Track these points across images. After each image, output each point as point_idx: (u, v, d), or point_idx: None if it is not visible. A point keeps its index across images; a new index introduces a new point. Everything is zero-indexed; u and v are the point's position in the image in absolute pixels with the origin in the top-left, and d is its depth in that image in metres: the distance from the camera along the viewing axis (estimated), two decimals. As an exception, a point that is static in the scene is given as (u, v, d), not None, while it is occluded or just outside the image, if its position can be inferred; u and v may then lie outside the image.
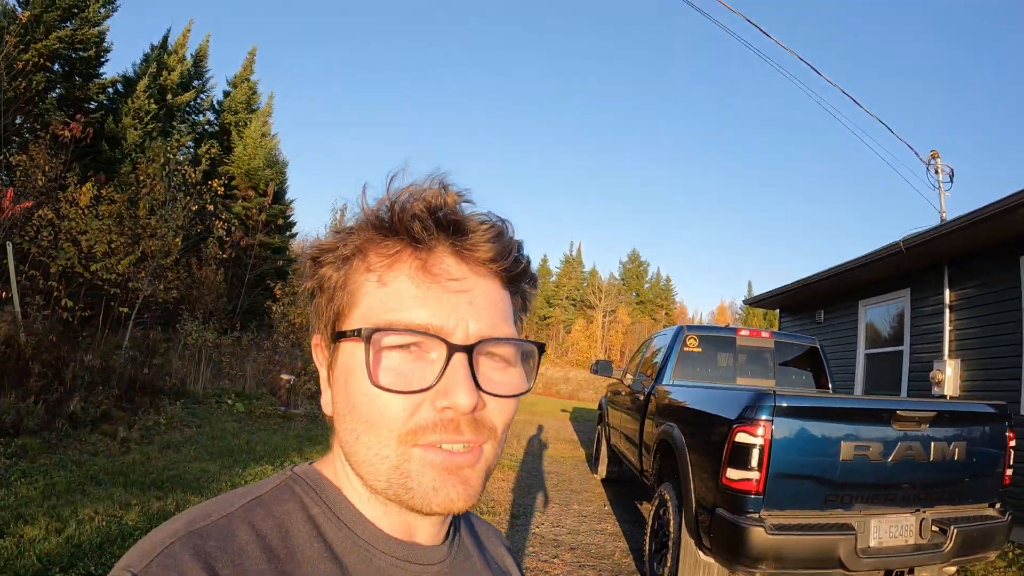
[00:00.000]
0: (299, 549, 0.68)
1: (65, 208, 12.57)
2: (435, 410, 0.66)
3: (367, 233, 0.72)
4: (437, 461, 0.67)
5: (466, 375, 0.66)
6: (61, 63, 19.07)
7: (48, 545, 4.48)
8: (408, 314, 0.67)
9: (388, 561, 0.72)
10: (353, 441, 0.70)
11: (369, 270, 0.71)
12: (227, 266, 20.81)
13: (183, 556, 0.60)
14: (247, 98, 27.85)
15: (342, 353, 0.72)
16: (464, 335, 0.68)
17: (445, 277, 0.69)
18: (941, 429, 4.52)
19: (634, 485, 9.74)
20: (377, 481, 0.69)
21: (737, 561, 4.29)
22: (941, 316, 9.35)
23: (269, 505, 0.71)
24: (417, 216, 0.69)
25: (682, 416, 5.67)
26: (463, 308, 0.69)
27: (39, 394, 8.29)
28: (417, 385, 0.66)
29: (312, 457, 0.80)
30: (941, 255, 9.26)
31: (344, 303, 0.72)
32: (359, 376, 0.67)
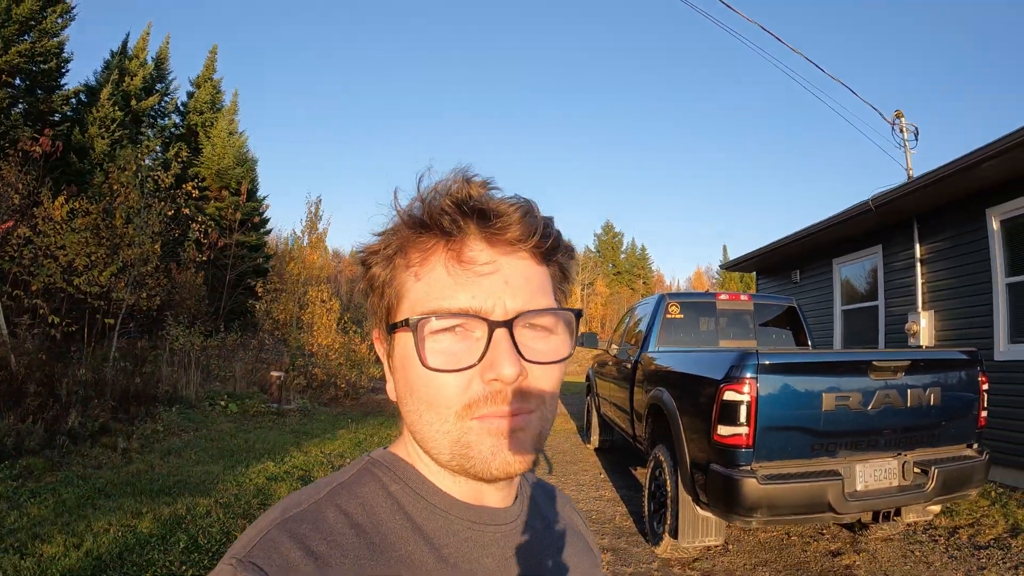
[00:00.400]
0: (383, 522, 0.75)
1: (41, 224, 12.48)
2: (484, 383, 0.72)
3: (404, 232, 0.78)
4: (493, 428, 0.72)
5: (508, 348, 0.72)
6: (22, 77, 18.76)
7: (69, 561, 4.58)
8: (450, 300, 0.73)
9: (464, 524, 0.78)
10: (416, 420, 0.76)
11: (409, 267, 0.77)
12: (206, 268, 20.72)
13: (281, 539, 0.68)
14: (211, 97, 27.49)
15: (397, 343, 0.78)
16: (503, 312, 0.73)
17: (476, 263, 0.74)
18: (916, 377, 4.76)
19: (626, 452, 9.94)
20: (441, 455, 0.75)
21: (733, 512, 4.51)
22: (913, 270, 9.55)
23: (352, 487, 0.78)
24: (445, 211, 0.75)
25: (670, 380, 5.86)
26: (498, 288, 0.74)
27: (36, 413, 8.34)
28: (466, 362, 0.72)
29: (305, 450, 0.87)
30: (909, 211, 9.42)
31: (393, 298, 0.79)
32: (414, 361, 0.74)
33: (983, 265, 8.20)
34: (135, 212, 14.22)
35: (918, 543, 5.70)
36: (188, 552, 4.99)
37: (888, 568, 5.15)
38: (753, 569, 5.29)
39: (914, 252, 9.51)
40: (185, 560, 4.82)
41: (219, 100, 28.04)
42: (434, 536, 0.76)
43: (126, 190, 14.22)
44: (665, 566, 5.36)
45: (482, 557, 0.78)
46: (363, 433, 11.64)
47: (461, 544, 0.77)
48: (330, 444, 10.28)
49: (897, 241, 10.02)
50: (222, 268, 23.11)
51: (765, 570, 5.26)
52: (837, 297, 11.85)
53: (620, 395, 7.96)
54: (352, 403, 17.02)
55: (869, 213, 9.58)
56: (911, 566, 5.17)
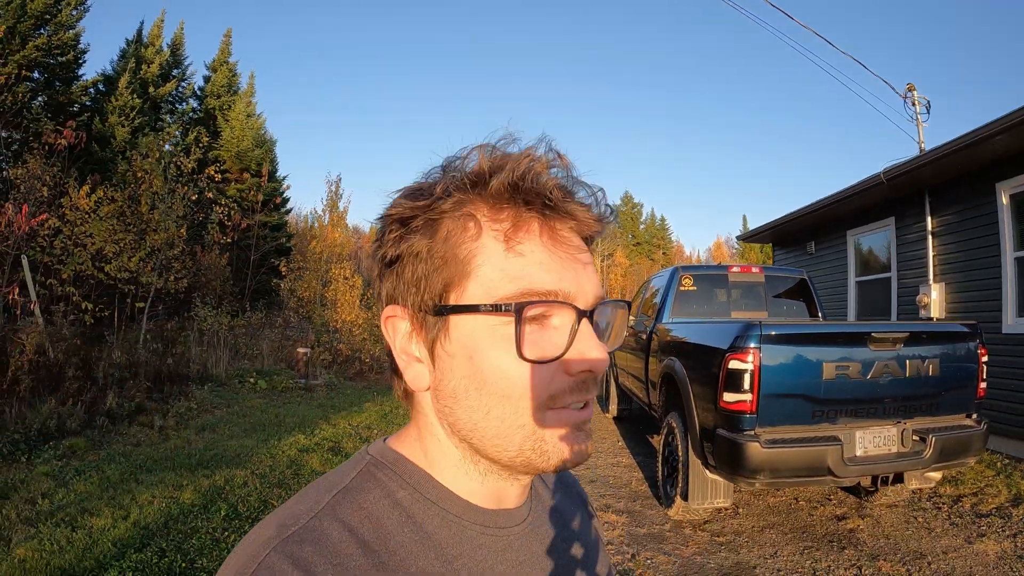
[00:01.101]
0: (391, 535, 0.68)
1: (69, 214, 12.81)
2: (568, 375, 0.67)
3: (482, 196, 0.69)
4: (569, 420, 0.68)
5: (596, 337, 0.68)
6: (41, 71, 18.94)
7: (118, 531, 4.87)
8: (538, 282, 0.65)
9: (478, 530, 0.73)
10: (482, 417, 0.68)
11: (494, 238, 0.67)
12: (231, 249, 21.04)
13: (282, 566, 0.61)
14: (228, 81, 27.57)
15: (457, 327, 0.68)
16: (585, 299, 0.68)
17: (570, 244, 0.69)
18: (916, 348, 4.95)
19: (643, 421, 10.15)
20: (507, 451, 0.69)
21: (738, 474, 4.76)
22: (924, 242, 9.56)
23: (354, 495, 0.71)
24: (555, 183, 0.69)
25: (682, 350, 6.08)
26: (581, 272, 0.69)
27: (75, 396, 8.65)
28: (552, 352, 0.65)
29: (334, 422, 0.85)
30: (921, 184, 9.43)
31: (455, 273, 0.68)
32: (491, 350, 0.66)
33: (992, 239, 8.23)
34: (159, 198, 14.50)
35: (921, 510, 5.89)
36: (229, 519, 5.29)
37: (891, 533, 5.35)
38: (761, 531, 5.53)
39: (926, 225, 9.52)
40: (227, 527, 5.12)
41: (235, 83, 28.10)
42: (447, 546, 0.70)
43: (150, 176, 14.47)
44: (677, 527, 5.63)
45: (496, 564, 0.73)
46: (388, 406, 11.90)
47: (475, 552, 0.72)
48: (357, 416, 10.57)
49: (909, 213, 10.02)
50: (246, 249, 23.36)
51: (772, 532, 5.49)
52: (851, 268, 11.85)
53: (636, 365, 8.16)
54: (377, 377, 17.27)
55: (881, 186, 9.59)
56: (913, 531, 5.37)
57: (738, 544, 5.25)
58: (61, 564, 4.24)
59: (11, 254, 10.34)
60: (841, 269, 12.17)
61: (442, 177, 0.71)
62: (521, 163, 0.68)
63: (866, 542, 5.18)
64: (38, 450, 7.02)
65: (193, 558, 4.49)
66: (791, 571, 4.67)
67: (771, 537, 5.38)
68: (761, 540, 5.32)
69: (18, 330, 9.53)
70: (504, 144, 0.71)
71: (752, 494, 6.45)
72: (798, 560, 4.86)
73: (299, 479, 6.59)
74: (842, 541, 5.21)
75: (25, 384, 8.36)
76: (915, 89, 12.39)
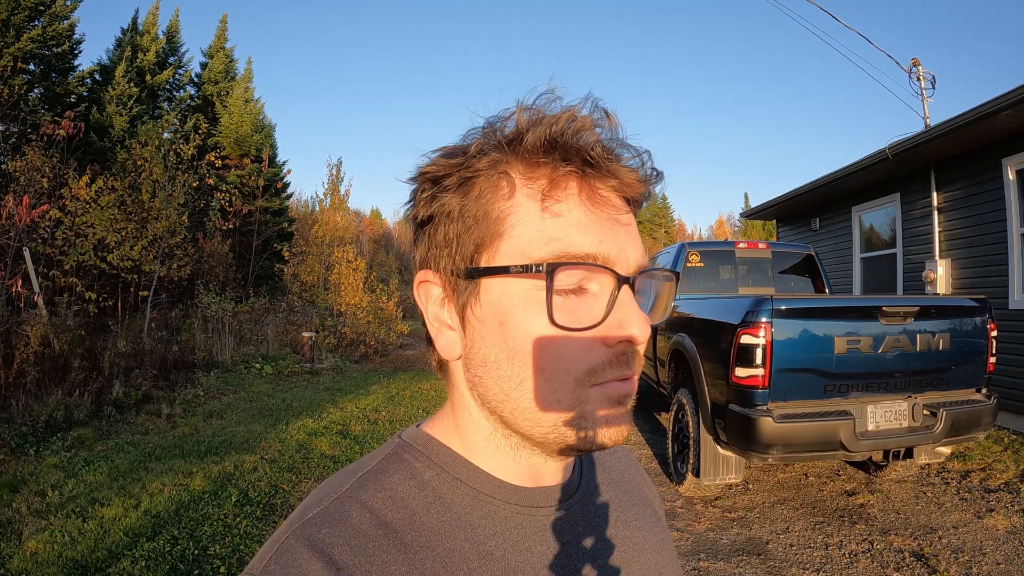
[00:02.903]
0: (417, 516, 0.66)
1: (70, 204, 12.79)
2: (609, 345, 0.62)
3: (516, 156, 0.64)
4: (612, 395, 0.62)
5: (637, 305, 0.63)
6: (36, 63, 18.87)
7: (129, 520, 4.86)
8: (575, 245, 0.61)
9: (512, 510, 0.69)
10: (514, 388, 0.63)
11: (529, 197, 0.63)
12: (232, 235, 21.03)
13: (298, 549, 0.60)
14: (225, 67, 27.46)
15: (489, 291, 0.64)
16: (627, 265, 0.63)
17: (610, 205, 0.64)
18: (926, 322, 4.93)
19: (650, 399, 10.13)
20: (538, 427, 0.64)
21: (750, 449, 4.75)
22: (930, 218, 9.52)
23: (378, 477, 0.69)
24: (598, 141, 0.64)
25: (691, 327, 6.04)
26: (623, 235, 0.64)
27: (82, 386, 8.66)
28: (588, 321, 0.60)
29: (341, 405, 0.82)
30: (927, 159, 9.37)
31: (486, 233, 0.64)
32: (523, 316, 0.62)
33: (999, 215, 8.19)
34: (160, 186, 14.50)
35: (930, 485, 5.89)
36: (240, 505, 5.30)
37: (900, 507, 5.36)
38: (771, 507, 5.52)
39: (931, 200, 9.47)
40: (238, 513, 5.12)
41: (233, 69, 28.02)
42: (477, 527, 0.66)
43: (150, 164, 14.43)
44: (688, 504, 5.62)
45: (534, 544, 0.68)
46: (395, 388, 11.92)
47: (508, 533, 0.67)
48: (364, 399, 10.57)
49: (915, 189, 9.97)
50: (248, 235, 23.35)
51: (783, 507, 5.49)
52: (856, 245, 11.81)
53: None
54: (382, 360, 17.34)
55: (886, 161, 9.53)
56: (922, 506, 5.37)
57: (750, 520, 5.25)
58: (73, 555, 4.23)
59: (13, 246, 10.33)
60: (846, 245, 12.13)
61: (480, 138, 0.66)
62: (561, 119, 0.63)
63: (876, 517, 5.18)
64: (46, 442, 7.01)
65: (206, 545, 4.49)
66: (803, 546, 4.67)
67: (782, 512, 5.37)
68: (772, 515, 5.32)
69: (22, 322, 9.54)
70: (546, 102, 0.65)
71: (762, 470, 6.44)
72: (810, 535, 4.85)
73: (308, 463, 6.60)
74: (853, 516, 5.21)
75: (31, 376, 8.36)
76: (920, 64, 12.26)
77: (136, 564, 4.13)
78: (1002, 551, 4.42)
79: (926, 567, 4.23)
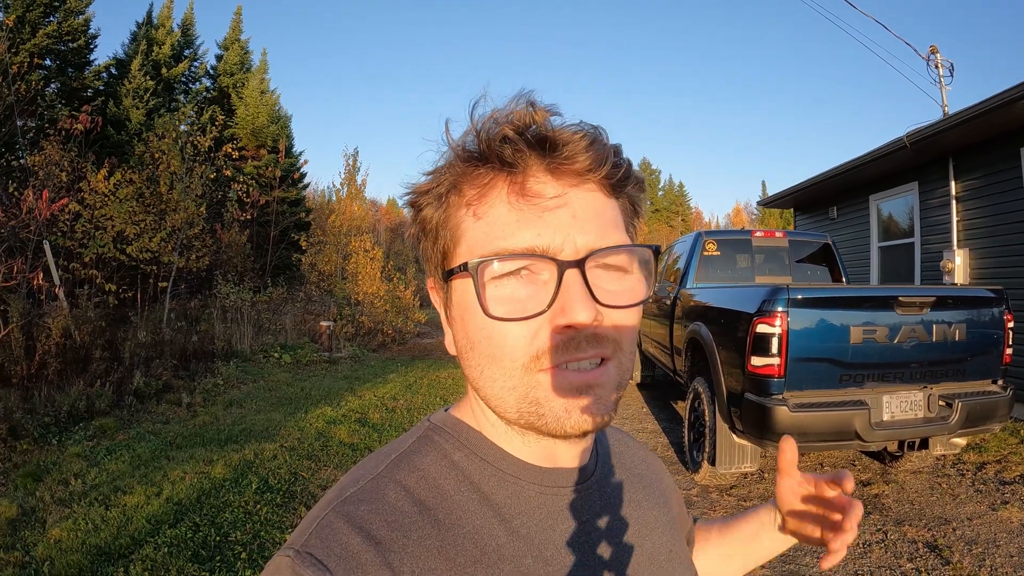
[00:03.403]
0: (448, 495, 0.69)
1: (88, 198, 12.90)
2: (554, 331, 0.64)
3: (459, 167, 0.69)
4: (565, 384, 0.65)
5: (581, 290, 0.63)
6: (52, 58, 18.91)
7: (151, 508, 4.94)
8: (512, 240, 0.64)
9: (536, 490, 0.72)
10: (478, 376, 0.69)
11: (466, 205, 0.69)
12: (250, 226, 21.13)
13: (338, 524, 0.64)
14: (240, 59, 27.41)
15: (455, 291, 0.71)
16: (573, 250, 0.65)
17: (543, 196, 0.66)
18: (942, 313, 4.91)
19: (667, 387, 10.16)
20: (508, 412, 0.68)
21: (765, 438, 4.75)
22: (948, 207, 9.41)
23: (412, 458, 0.73)
24: (507, 139, 0.66)
25: (708, 315, 6.04)
26: (567, 224, 0.65)
27: (103, 377, 8.77)
28: (533, 309, 0.63)
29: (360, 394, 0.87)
30: (945, 148, 9.26)
31: (449, 241, 0.71)
32: (474, 311, 0.66)
33: (1018, 204, 8.10)
34: (177, 177, 14.58)
35: (945, 476, 5.86)
36: (260, 492, 5.36)
37: (915, 498, 5.34)
38: (788, 494, 5.52)
39: (949, 189, 9.37)
40: (259, 500, 5.19)
41: (248, 61, 27.97)
42: (504, 506, 0.70)
43: (167, 157, 14.50)
44: (704, 492, 5.64)
45: (556, 524, 0.72)
46: (412, 376, 11.99)
47: (533, 512, 0.71)
48: (382, 388, 10.66)
49: (933, 178, 9.86)
50: (265, 225, 23.42)
51: (800, 495, 5.48)
52: (874, 234, 11.70)
53: (660, 331, 8.12)
54: (400, 348, 17.42)
55: (904, 150, 9.42)
56: (937, 497, 5.35)
57: (766, 508, 5.24)
58: (96, 543, 4.31)
59: (33, 240, 10.44)
60: (864, 234, 12.02)
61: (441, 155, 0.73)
62: (484, 125, 0.68)
63: (891, 507, 5.17)
64: (69, 432, 7.11)
65: (227, 531, 4.56)
66: (820, 534, 4.66)
67: (798, 501, 5.36)
68: (789, 504, 5.31)
69: (43, 314, 9.63)
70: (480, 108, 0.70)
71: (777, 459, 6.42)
72: (826, 523, 4.84)
73: (327, 451, 6.66)
74: (867, 506, 5.20)
75: (53, 367, 8.47)
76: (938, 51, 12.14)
77: (158, 550, 4.19)
78: (1016, 543, 4.41)
79: (939, 558, 4.23)
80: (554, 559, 0.70)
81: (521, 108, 0.68)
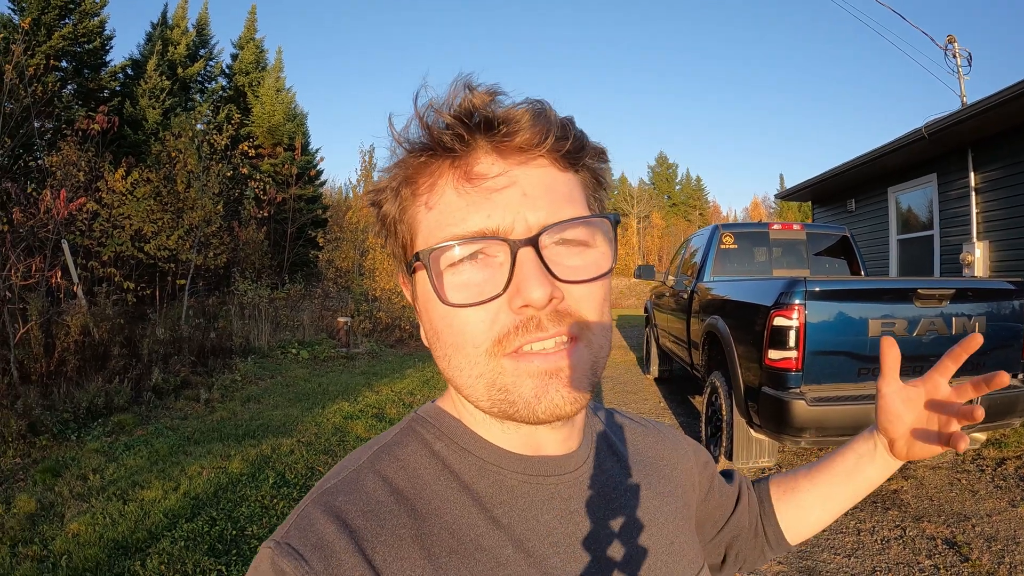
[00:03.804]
0: (428, 485, 0.69)
1: (106, 197, 13.02)
2: (513, 312, 0.63)
3: (409, 160, 0.69)
4: (532, 367, 0.64)
5: (535, 267, 0.62)
6: (69, 59, 19.04)
7: (169, 502, 4.97)
8: (462, 225, 0.64)
9: (519, 479, 0.71)
10: (448, 367, 0.69)
11: (417, 196, 0.69)
12: (267, 223, 21.21)
13: (315, 515, 0.65)
14: (255, 57, 27.47)
15: (417, 284, 0.70)
16: (525, 228, 0.64)
17: (487, 177, 0.65)
18: (961, 305, 4.85)
19: (685, 381, 10.11)
20: (480, 401, 0.67)
21: (783, 432, 4.71)
22: (967, 199, 9.31)
23: (393, 449, 0.73)
24: (448, 126, 0.65)
25: (725, 309, 6.02)
26: (516, 202, 0.64)
27: (121, 373, 8.84)
28: (490, 292, 0.63)
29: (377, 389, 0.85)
30: (964, 139, 9.16)
31: (407, 235, 0.71)
32: (434, 301, 0.66)
33: (1039, 195, 7.96)
34: (194, 176, 14.66)
35: (965, 472, 5.77)
36: (277, 487, 5.39)
37: (933, 494, 5.26)
38: (805, 490, 5.47)
39: (969, 181, 9.27)
40: (275, 494, 5.21)
41: (263, 59, 27.99)
42: (485, 495, 0.70)
43: (184, 156, 14.62)
44: (722, 487, 5.60)
45: (540, 514, 0.71)
46: (430, 371, 11.99)
47: (515, 501, 0.71)
48: (399, 383, 10.66)
49: (952, 169, 9.75)
50: (282, 222, 23.50)
51: (818, 490, 5.43)
52: (893, 226, 11.60)
53: (677, 325, 8.10)
54: (417, 344, 17.33)
55: (922, 141, 9.32)
56: (956, 493, 5.26)
57: (783, 503, 5.20)
58: (114, 536, 4.33)
59: (52, 239, 10.52)
60: (882, 227, 11.92)
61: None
62: (424, 114, 0.67)
63: (910, 503, 5.11)
64: (87, 427, 7.16)
65: (243, 525, 4.58)
66: (835, 531, 4.63)
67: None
68: (807, 499, 5.26)
69: (62, 312, 9.73)
70: (421, 98, 0.68)
71: (795, 454, 6.39)
72: (842, 520, 4.80)
73: (344, 445, 6.69)
74: (886, 502, 5.14)
75: (72, 364, 8.54)
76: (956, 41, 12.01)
77: (175, 544, 4.22)
78: (1037, 539, 4.36)
79: (958, 555, 4.18)
80: (535, 549, 0.69)
81: (460, 93, 0.67)
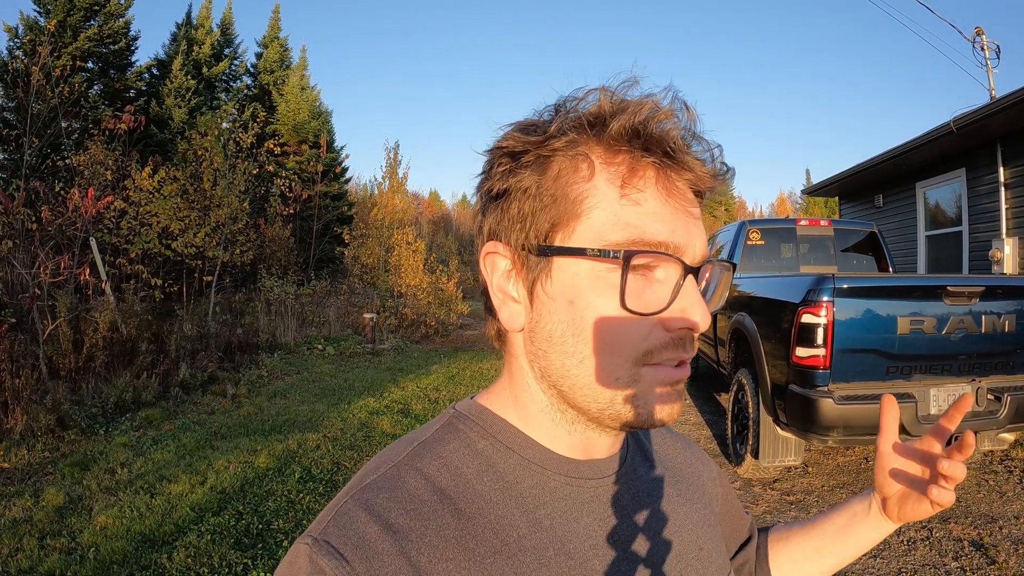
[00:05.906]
0: (470, 484, 0.68)
1: (134, 195, 13.21)
2: (667, 330, 0.63)
3: (597, 140, 0.65)
4: (664, 378, 0.65)
5: (699, 294, 0.65)
6: (95, 60, 19.28)
7: (196, 496, 5.02)
8: (651, 233, 0.62)
9: (562, 480, 0.71)
10: (576, 364, 0.65)
11: (608, 182, 0.64)
12: (293, 220, 21.38)
13: (356, 513, 0.63)
14: (280, 56, 27.64)
15: (562, 270, 0.65)
16: (693, 255, 0.65)
17: (684, 197, 0.66)
18: (992, 303, 4.75)
19: (711, 379, 10.04)
20: (595, 403, 0.66)
21: (810, 431, 4.65)
22: (997, 194, 9.15)
23: (434, 446, 0.71)
24: (677, 132, 0.65)
25: (752, 306, 5.95)
26: (692, 226, 0.66)
27: (149, 369, 8.94)
28: (654, 306, 0.62)
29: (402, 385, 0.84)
30: (993, 133, 8.99)
31: (563, 213, 0.65)
32: (593, 297, 0.63)
33: (1069, 190, 7.78)
34: (221, 174, 14.81)
35: (993, 473, 5.67)
36: (303, 482, 5.42)
37: (961, 495, 5.16)
38: (831, 490, 5.41)
39: (998, 176, 9.10)
40: (301, 489, 5.25)
41: (287, 58, 28.17)
42: (528, 496, 0.69)
43: (210, 154, 14.80)
44: (747, 486, 5.55)
45: (581, 516, 0.70)
46: (455, 368, 12.04)
47: (557, 503, 0.70)
48: (425, 379, 10.69)
49: (980, 164, 9.58)
50: (308, 219, 23.65)
51: (843, 491, 5.38)
52: (921, 222, 11.42)
53: (704, 322, 8.02)
54: (442, 340, 17.45)
55: (950, 135, 9.14)
56: (984, 494, 5.18)
57: (808, 503, 5.16)
58: (141, 529, 4.38)
59: (80, 237, 10.66)
60: (910, 223, 11.73)
61: (556, 115, 0.67)
62: (643, 109, 0.64)
63: (936, 504, 5.03)
64: (115, 422, 7.25)
65: (269, 520, 4.61)
66: (865, 529, 4.57)
67: (841, 496, 5.26)
68: (831, 499, 5.21)
69: (91, 309, 9.84)
70: (625, 88, 0.66)
71: (821, 453, 6.33)
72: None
73: (370, 441, 6.71)
74: (914, 502, 5.07)
75: (100, 360, 8.64)
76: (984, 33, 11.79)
77: (202, 538, 4.25)
78: (1067, 543, 4.28)
79: (985, 557, 4.11)
80: (576, 551, 0.68)
81: (678, 106, 0.66)
